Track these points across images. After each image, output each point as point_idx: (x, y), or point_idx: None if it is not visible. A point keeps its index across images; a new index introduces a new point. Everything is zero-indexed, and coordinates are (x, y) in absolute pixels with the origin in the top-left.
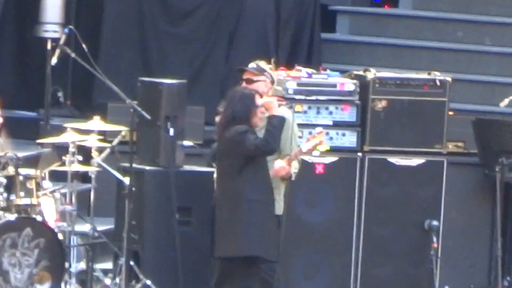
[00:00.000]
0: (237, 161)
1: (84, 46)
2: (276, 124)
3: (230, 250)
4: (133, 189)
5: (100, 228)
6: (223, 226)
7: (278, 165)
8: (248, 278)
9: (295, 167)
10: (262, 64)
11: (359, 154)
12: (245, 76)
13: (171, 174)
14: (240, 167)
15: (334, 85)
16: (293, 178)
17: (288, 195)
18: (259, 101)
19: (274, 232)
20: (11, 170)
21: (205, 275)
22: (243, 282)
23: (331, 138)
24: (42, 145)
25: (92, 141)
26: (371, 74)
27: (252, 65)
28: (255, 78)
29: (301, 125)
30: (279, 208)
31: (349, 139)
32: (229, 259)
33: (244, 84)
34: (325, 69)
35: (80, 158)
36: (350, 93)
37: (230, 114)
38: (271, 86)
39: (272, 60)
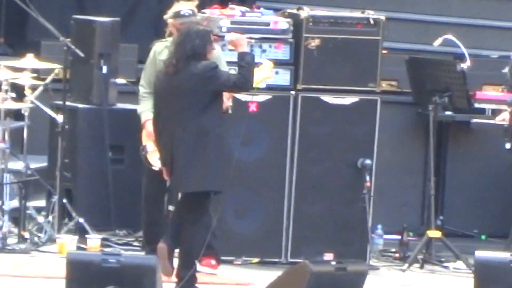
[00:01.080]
0: (204, 96)
1: None
2: (250, 61)
3: (199, 185)
4: (66, 127)
5: (33, 165)
6: (188, 161)
7: (231, 37)
8: (199, 214)
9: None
10: (191, 6)
11: (293, 92)
12: (178, 23)
13: (104, 112)
14: (208, 102)
15: (268, 24)
16: (230, 111)
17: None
18: (228, 36)
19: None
20: None
21: (137, 212)
22: (194, 220)
23: None
24: None
25: (25, 79)
26: (305, 12)
27: (187, 11)
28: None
29: (234, 63)
30: None
31: (283, 77)
32: (192, 193)
33: (176, 31)
34: (258, 8)
35: (13, 95)
36: (283, 31)
37: (189, 49)
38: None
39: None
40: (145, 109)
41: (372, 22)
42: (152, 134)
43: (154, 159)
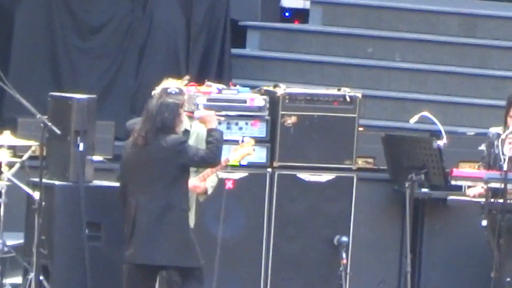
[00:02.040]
0: (172, 170)
1: None
2: (219, 138)
3: (158, 258)
4: (43, 203)
5: (9, 242)
6: (150, 233)
7: (191, 185)
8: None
9: (212, 181)
10: (178, 83)
11: (269, 169)
12: None
13: (81, 189)
14: (175, 176)
15: (244, 101)
16: (209, 192)
17: (198, 209)
18: (198, 113)
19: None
20: None
21: None
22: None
23: None
24: None
25: (2, 156)
26: (281, 89)
27: (174, 90)
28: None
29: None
30: (191, 220)
31: (259, 154)
32: (149, 266)
33: None
34: (235, 85)
35: None
36: (260, 108)
37: (158, 122)
38: (185, 101)
39: (185, 78)
40: None
41: (348, 99)
42: None
43: None
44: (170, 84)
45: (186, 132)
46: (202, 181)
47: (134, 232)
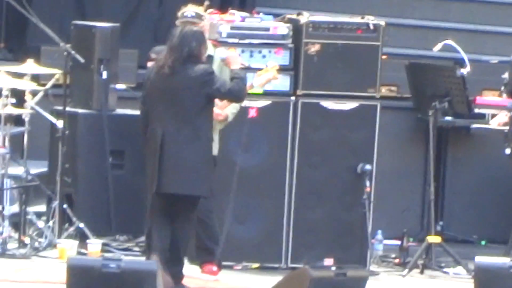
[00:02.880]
0: (199, 100)
1: None
2: (243, 76)
3: (183, 188)
4: (66, 132)
5: (33, 171)
6: (177, 163)
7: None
8: (188, 214)
9: (234, 107)
10: (197, 9)
11: (292, 98)
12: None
13: (104, 117)
14: (202, 106)
15: (267, 29)
16: (229, 119)
17: (220, 136)
18: (224, 53)
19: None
20: None
21: (137, 218)
22: (183, 218)
23: None
24: None
25: (26, 84)
26: (305, 17)
27: (190, 13)
28: (197, 25)
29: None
30: (215, 148)
31: (282, 82)
32: (176, 196)
33: None
34: (258, 13)
35: (14, 101)
36: (283, 36)
37: (186, 52)
38: (209, 28)
39: (205, 4)
40: None
41: (372, 27)
42: None
43: None
44: (189, 8)
45: (210, 58)
46: (222, 109)
47: (162, 161)
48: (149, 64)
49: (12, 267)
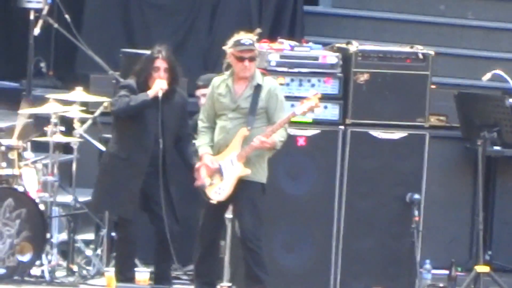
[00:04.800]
0: None
1: (67, 16)
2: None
3: None
4: None
5: (81, 199)
6: None
7: (258, 140)
8: None
9: (281, 136)
10: (252, 37)
11: (341, 127)
12: (248, 55)
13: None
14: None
15: (317, 58)
16: (278, 147)
17: (269, 165)
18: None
19: None
20: None
21: (186, 246)
22: None
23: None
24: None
25: (74, 112)
26: (354, 47)
27: (248, 41)
28: (256, 54)
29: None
30: (264, 176)
31: (331, 111)
32: None
33: (246, 62)
34: (307, 42)
35: (62, 128)
36: (332, 65)
37: None
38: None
39: (257, 31)
40: (203, 143)
41: (421, 57)
42: (210, 166)
43: (212, 193)
44: (245, 36)
45: (258, 87)
46: (268, 137)
47: None
48: (197, 92)
49: None
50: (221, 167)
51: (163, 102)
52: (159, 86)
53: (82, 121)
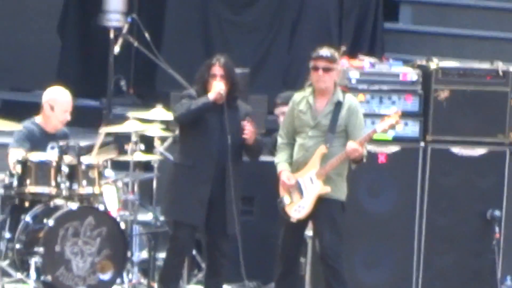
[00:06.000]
0: None
1: (146, 35)
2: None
3: None
4: None
5: (162, 217)
6: None
7: (350, 147)
8: None
9: (364, 150)
10: (334, 52)
11: (422, 143)
12: (322, 64)
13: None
14: None
15: (397, 75)
16: (364, 160)
17: (349, 182)
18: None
19: None
20: (73, 159)
21: (266, 264)
22: None
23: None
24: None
25: (155, 130)
26: (434, 64)
27: (325, 52)
28: (331, 66)
29: (363, 115)
30: (343, 193)
31: (412, 128)
32: None
33: (320, 72)
34: (387, 59)
35: (142, 147)
36: (412, 83)
37: None
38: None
39: (342, 48)
40: (282, 160)
41: (501, 73)
42: (287, 183)
43: (292, 211)
44: (325, 49)
45: (339, 104)
46: (361, 145)
47: None
48: (276, 110)
49: None
50: (301, 185)
51: (224, 108)
52: (218, 88)
53: (163, 139)
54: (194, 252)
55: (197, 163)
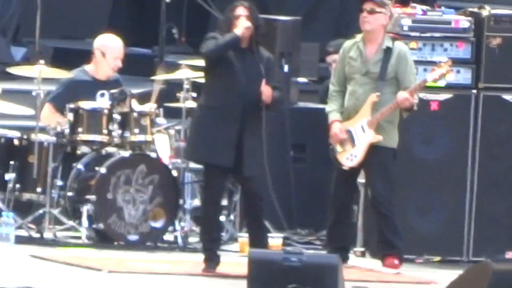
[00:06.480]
0: None
1: None
2: (218, 39)
3: None
4: None
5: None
6: None
7: (401, 96)
8: None
9: (415, 99)
10: None
11: (474, 91)
12: (368, 6)
13: (286, 111)
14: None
15: (449, 22)
16: (415, 109)
17: (401, 130)
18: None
19: None
20: (125, 106)
21: (319, 211)
22: None
23: None
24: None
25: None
26: (486, 11)
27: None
28: (377, 9)
29: (416, 62)
30: (395, 141)
31: (464, 76)
32: None
33: (364, 13)
34: (439, 6)
35: (194, 95)
36: (464, 30)
37: None
38: (389, 20)
39: None
40: (333, 109)
41: None
42: (339, 135)
43: (344, 159)
44: None
45: (388, 51)
46: (412, 94)
47: None
48: (328, 58)
49: (193, 260)
50: (352, 134)
51: (246, 52)
52: (244, 24)
53: None
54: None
55: (224, 105)
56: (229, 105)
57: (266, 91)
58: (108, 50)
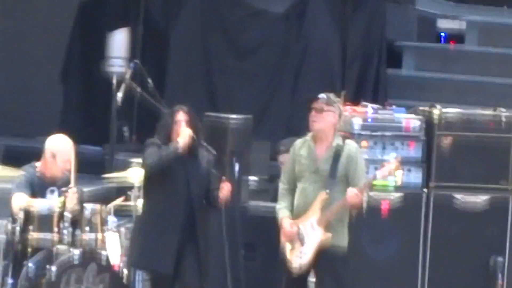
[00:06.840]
0: None
1: (149, 81)
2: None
3: None
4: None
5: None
6: None
7: (351, 193)
8: None
9: (365, 196)
10: (332, 96)
11: (425, 190)
12: (316, 105)
13: (236, 210)
14: None
15: (400, 122)
16: (365, 205)
17: (352, 229)
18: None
19: None
20: (76, 205)
21: None
22: None
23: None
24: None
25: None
26: (437, 110)
27: (323, 95)
28: (326, 108)
29: (367, 161)
30: (345, 240)
31: (415, 175)
32: None
33: (313, 113)
34: (390, 105)
35: None
36: (415, 129)
37: None
38: (339, 119)
39: (342, 94)
40: (283, 206)
41: (504, 120)
42: (288, 232)
43: (293, 257)
44: (324, 93)
45: (338, 150)
46: (361, 192)
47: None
48: (280, 157)
49: None
50: (302, 232)
51: (188, 157)
52: (187, 132)
53: None
54: None
55: (165, 213)
56: (169, 213)
57: (226, 188)
58: (59, 153)
